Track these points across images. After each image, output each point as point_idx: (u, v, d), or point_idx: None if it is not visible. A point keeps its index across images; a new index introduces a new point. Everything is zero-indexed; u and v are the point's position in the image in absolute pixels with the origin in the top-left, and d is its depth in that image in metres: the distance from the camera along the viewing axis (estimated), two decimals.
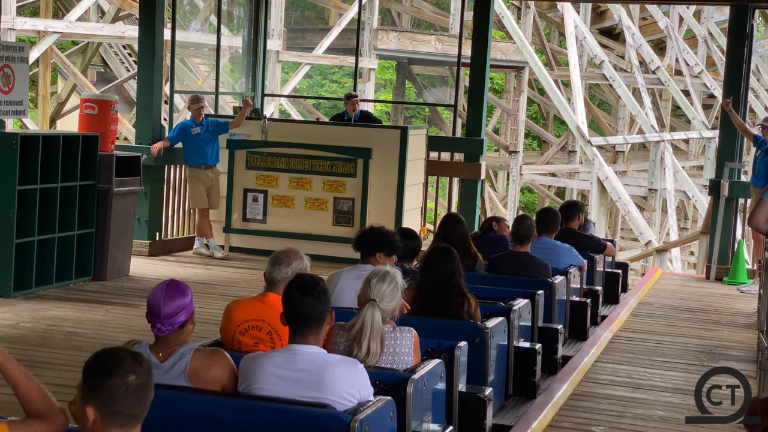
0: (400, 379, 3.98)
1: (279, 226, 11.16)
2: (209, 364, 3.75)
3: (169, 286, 3.75)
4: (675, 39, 26.91)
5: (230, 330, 4.47)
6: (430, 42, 23.94)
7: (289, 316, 3.77)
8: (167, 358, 3.74)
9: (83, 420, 2.69)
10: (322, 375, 3.64)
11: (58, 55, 19.92)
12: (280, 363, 3.69)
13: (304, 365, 3.67)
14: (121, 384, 2.65)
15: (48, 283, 8.76)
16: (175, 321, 3.71)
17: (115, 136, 9.94)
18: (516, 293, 6.10)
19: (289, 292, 3.78)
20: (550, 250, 7.42)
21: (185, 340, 3.79)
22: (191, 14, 19.36)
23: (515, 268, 6.82)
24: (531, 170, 25.73)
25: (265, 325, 4.44)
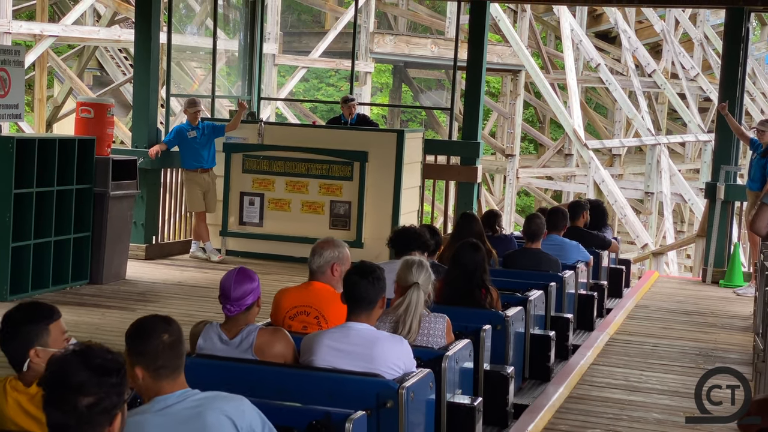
0: (436, 356, 4.48)
1: (276, 230, 11.15)
2: (273, 340, 4.24)
3: (239, 272, 4.23)
4: (671, 42, 26.95)
5: (280, 316, 4.89)
6: (426, 45, 23.96)
7: (347, 296, 4.31)
8: (235, 335, 4.22)
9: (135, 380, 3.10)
10: (373, 349, 4.16)
11: (54, 58, 19.92)
12: (337, 338, 4.21)
13: (357, 340, 4.18)
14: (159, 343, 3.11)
15: (44, 286, 8.75)
16: (243, 303, 4.18)
17: (112, 139, 9.95)
18: (530, 286, 6.57)
19: (349, 275, 4.35)
20: (560, 246, 7.89)
21: (251, 321, 4.26)
22: (187, 18, 19.37)
23: (527, 263, 7.30)
24: (527, 173, 25.75)
25: (312, 310, 4.87)
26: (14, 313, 3.39)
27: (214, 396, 3.18)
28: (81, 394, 2.48)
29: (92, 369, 2.51)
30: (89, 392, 2.49)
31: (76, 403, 2.48)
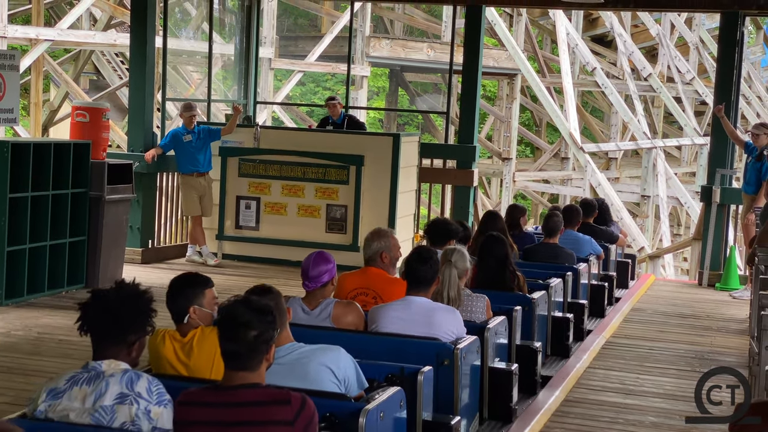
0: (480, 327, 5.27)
1: (272, 234, 11.15)
2: (347, 311, 5.04)
3: (318, 255, 5.02)
4: (667, 46, 26.99)
5: (342, 296, 5.64)
6: (422, 49, 23.97)
7: (409, 276, 5.15)
8: (315, 307, 5.02)
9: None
10: (431, 318, 5.02)
11: (50, 63, 19.91)
12: (400, 309, 5.09)
13: (418, 310, 5.05)
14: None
15: (40, 291, 8.74)
16: (319, 280, 4.96)
17: (107, 143, 9.93)
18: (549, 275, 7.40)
19: (409, 258, 5.18)
20: (575, 241, 8.78)
21: (328, 295, 5.06)
22: (183, 22, 19.36)
23: (546, 256, 8.16)
24: (524, 177, 25.76)
25: (369, 291, 5.72)
26: (179, 279, 4.27)
27: (316, 348, 4.00)
28: (248, 329, 3.33)
29: (254, 310, 3.38)
30: (254, 327, 3.34)
31: (245, 335, 3.32)
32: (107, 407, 3.39)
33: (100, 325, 3.56)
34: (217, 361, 3.88)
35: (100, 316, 3.54)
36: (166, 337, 4.21)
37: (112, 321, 3.54)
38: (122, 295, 3.62)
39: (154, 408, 3.40)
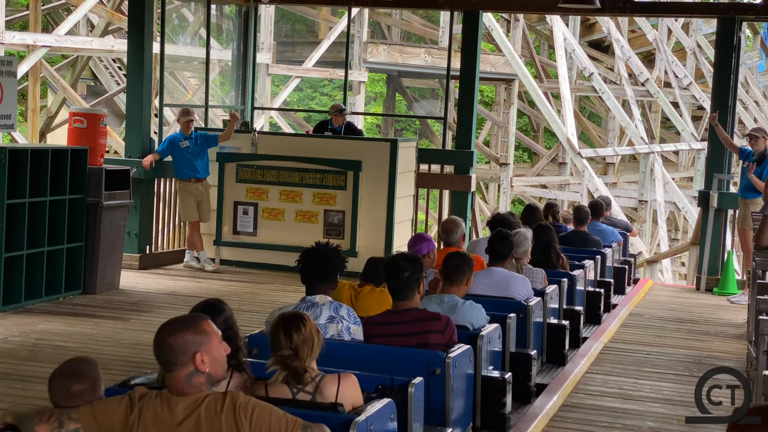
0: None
1: (269, 239, 11.14)
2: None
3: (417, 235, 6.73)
4: (664, 51, 27.03)
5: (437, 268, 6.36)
6: (419, 55, 23.99)
7: (491, 252, 6.63)
8: None
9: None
10: (508, 284, 6.43)
11: (48, 69, 19.91)
12: (485, 277, 6.42)
13: (498, 278, 6.40)
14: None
15: (37, 296, 8.73)
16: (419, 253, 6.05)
17: (105, 149, 9.93)
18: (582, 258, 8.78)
19: (492, 237, 6.70)
20: (601, 231, 10.23)
21: (428, 266, 6.02)
22: (180, 28, 19.37)
23: (577, 242, 9.54)
24: (521, 182, 25.77)
25: None
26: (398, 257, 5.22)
27: (470, 304, 5.50)
28: (403, 271, 4.95)
29: (408, 259, 5.04)
30: (406, 270, 4.95)
31: (401, 275, 4.97)
32: (321, 325, 4.72)
33: (316, 270, 5.01)
34: (373, 309, 5.36)
35: (317, 264, 5.00)
36: (346, 285, 5.72)
37: (325, 268, 5.00)
38: (329, 251, 5.05)
39: (352, 326, 4.87)
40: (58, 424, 3.37)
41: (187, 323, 3.27)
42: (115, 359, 6.91)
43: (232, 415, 3.18)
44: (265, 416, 3.21)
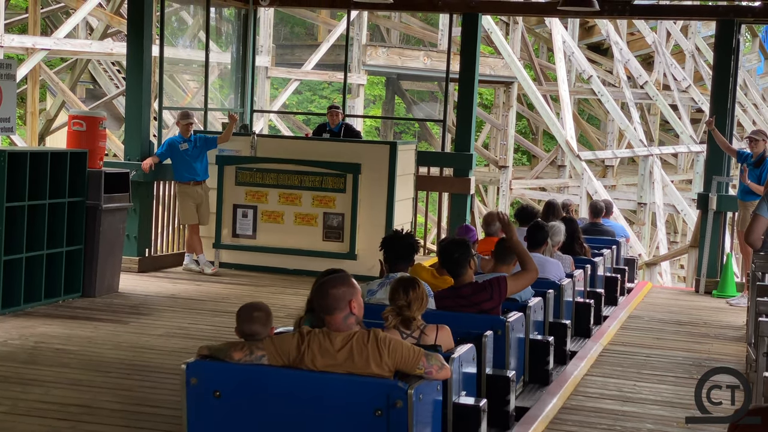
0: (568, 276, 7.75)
1: (269, 242, 11.14)
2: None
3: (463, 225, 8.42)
4: (663, 54, 27.04)
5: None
6: (418, 57, 24.01)
7: (528, 238, 7.50)
8: None
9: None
10: (544, 266, 7.36)
11: (47, 72, 19.91)
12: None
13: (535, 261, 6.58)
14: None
15: (36, 300, 8.72)
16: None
17: (104, 152, 9.93)
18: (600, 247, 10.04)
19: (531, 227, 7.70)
20: (611, 227, 11.51)
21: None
22: (180, 31, 19.39)
23: (594, 232, 10.79)
24: (520, 185, 25.79)
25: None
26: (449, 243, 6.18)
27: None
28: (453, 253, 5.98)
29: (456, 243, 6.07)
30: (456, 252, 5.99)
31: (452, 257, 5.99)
32: None
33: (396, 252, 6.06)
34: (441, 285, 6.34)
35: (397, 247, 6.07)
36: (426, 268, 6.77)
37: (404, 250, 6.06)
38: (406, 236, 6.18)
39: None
40: (249, 351, 4.37)
41: (343, 279, 4.39)
42: (114, 362, 6.91)
43: (375, 345, 4.24)
44: (398, 346, 4.27)
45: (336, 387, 4.28)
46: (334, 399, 4.27)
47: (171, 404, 5.93)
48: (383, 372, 4.25)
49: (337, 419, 4.26)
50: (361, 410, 4.21)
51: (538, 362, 6.50)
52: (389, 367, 4.25)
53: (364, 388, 4.24)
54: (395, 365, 4.26)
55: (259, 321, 4.69)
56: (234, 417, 4.36)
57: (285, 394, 4.34)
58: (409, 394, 4.16)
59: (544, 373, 6.55)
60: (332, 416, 4.28)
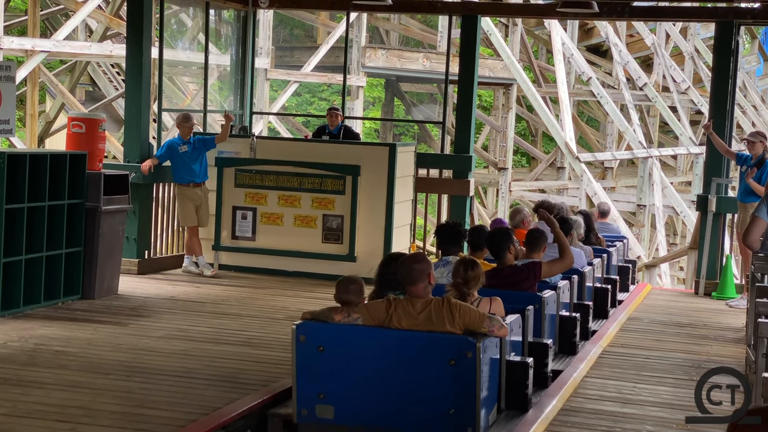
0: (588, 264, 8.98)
1: (268, 244, 11.14)
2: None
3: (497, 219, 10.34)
4: (662, 56, 27.05)
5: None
6: (418, 59, 24.02)
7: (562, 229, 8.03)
8: None
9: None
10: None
11: (46, 74, 19.92)
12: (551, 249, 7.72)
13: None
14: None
15: (36, 302, 8.72)
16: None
17: (103, 154, 9.92)
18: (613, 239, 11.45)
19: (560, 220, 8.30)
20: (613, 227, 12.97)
21: None
22: (179, 33, 19.39)
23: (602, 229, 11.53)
24: (520, 186, 25.79)
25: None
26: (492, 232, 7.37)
27: None
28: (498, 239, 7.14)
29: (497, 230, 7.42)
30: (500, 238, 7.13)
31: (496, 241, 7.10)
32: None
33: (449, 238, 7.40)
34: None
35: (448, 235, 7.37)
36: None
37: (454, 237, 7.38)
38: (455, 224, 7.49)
39: None
40: (347, 314, 5.60)
41: (423, 257, 5.66)
42: (113, 364, 6.91)
43: (449, 308, 5.44)
44: (467, 309, 5.48)
45: (418, 342, 5.45)
46: (416, 352, 5.45)
47: (170, 406, 5.93)
48: (455, 330, 5.43)
49: (418, 368, 5.44)
50: (438, 360, 5.40)
51: (567, 335, 7.60)
52: (460, 326, 5.42)
53: (440, 343, 5.42)
54: (465, 325, 5.42)
55: (354, 292, 5.71)
56: (335, 367, 5.54)
57: (376, 348, 5.53)
58: (477, 346, 5.34)
59: (572, 345, 7.66)
60: (414, 366, 5.45)
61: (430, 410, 5.45)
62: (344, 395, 5.56)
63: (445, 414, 5.41)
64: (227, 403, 6.01)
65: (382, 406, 5.54)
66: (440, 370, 5.39)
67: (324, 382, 5.56)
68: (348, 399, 5.56)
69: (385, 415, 5.53)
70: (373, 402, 5.55)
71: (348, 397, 5.56)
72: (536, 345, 6.61)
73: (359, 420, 5.57)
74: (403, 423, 5.50)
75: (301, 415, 5.61)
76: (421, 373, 5.42)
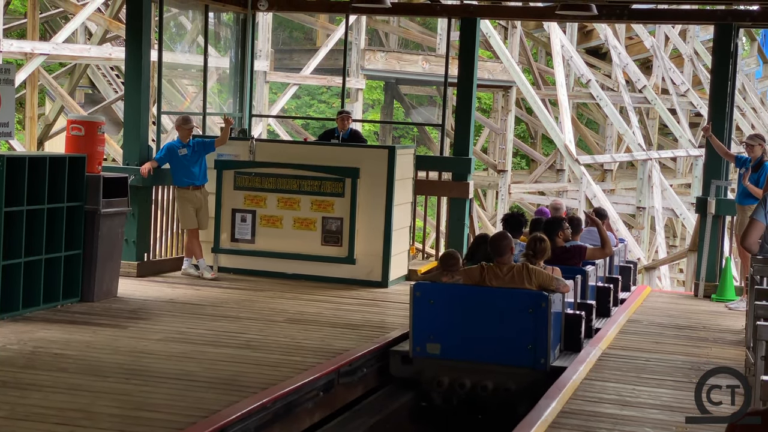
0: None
1: (267, 246, 11.14)
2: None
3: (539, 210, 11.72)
4: (661, 58, 27.06)
5: None
6: (417, 62, 24.02)
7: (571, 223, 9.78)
8: None
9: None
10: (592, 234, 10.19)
11: (46, 77, 19.91)
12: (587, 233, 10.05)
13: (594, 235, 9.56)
14: None
15: (35, 304, 8.72)
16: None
17: (103, 157, 9.92)
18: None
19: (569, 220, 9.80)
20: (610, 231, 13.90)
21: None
22: (178, 35, 19.39)
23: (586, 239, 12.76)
24: (519, 189, 25.78)
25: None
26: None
27: None
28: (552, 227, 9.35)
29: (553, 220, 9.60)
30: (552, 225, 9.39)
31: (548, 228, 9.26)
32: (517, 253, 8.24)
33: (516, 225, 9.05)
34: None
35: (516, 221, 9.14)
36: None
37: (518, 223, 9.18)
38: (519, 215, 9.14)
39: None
40: (451, 277, 7.84)
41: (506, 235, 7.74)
42: (113, 367, 6.91)
43: (527, 272, 7.60)
44: (540, 272, 7.62)
45: (504, 296, 7.61)
46: (504, 303, 7.59)
47: (170, 409, 5.93)
48: (532, 287, 7.57)
49: (505, 316, 7.59)
50: (520, 309, 7.55)
51: (603, 301, 9.60)
52: (536, 285, 7.58)
53: (521, 297, 7.58)
54: (539, 284, 7.58)
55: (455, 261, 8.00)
56: (441, 315, 7.68)
57: (473, 301, 7.69)
58: (549, 299, 7.52)
59: (607, 309, 9.66)
60: (502, 314, 7.59)
61: (514, 346, 7.54)
62: (448, 336, 7.66)
63: (525, 349, 7.53)
64: (226, 405, 6.00)
65: (477, 344, 7.62)
66: (521, 317, 7.52)
67: (433, 327, 7.68)
68: (451, 339, 7.65)
69: (479, 351, 7.63)
70: (470, 341, 7.63)
71: (451, 338, 7.65)
72: (583, 305, 8.64)
73: (459, 355, 7.67)
74: (494, 356, 7.59)
75: (415, 351, 7.74)
76: (507, 319, 7.55)
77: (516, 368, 7.54)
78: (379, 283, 10.88)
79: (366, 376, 7.74)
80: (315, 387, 6.85)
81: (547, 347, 7.48)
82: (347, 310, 9.56)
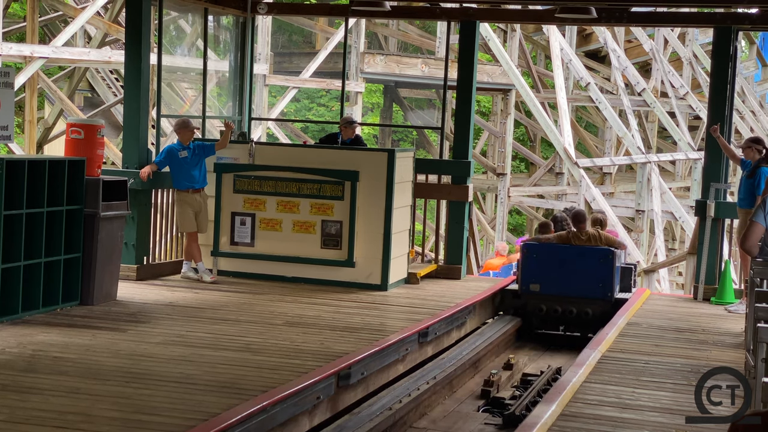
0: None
1: (267, 250, 11.14)
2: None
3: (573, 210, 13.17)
4: (660, 61, 27.08)
5: None
6: (416, 65, 24.03)
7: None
8: None
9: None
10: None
11: (45, 80, 19.92)
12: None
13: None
14: None
15: (34, 308, 8.71)
16: None
17: (102, 160, 9.92)
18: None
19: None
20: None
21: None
22: (178, 39, 19.41)
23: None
24: (519, 192, 25.79)
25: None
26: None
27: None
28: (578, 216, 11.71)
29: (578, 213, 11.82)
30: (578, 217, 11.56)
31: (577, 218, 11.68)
32: None
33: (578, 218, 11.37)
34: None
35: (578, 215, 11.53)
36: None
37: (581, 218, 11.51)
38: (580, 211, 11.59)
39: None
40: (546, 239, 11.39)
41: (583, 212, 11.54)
42: (112, 370, 6.90)
43: (599, 235, 11.20)
44: (607, 235, 11.29)
45: (584, 251, 11.12)
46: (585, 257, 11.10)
47: (169, 412, 5.93)
48: (602, 245, 10.93)
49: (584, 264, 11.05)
50: (596, 260, 11.02)
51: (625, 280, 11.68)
52: (605, 243, 10.96)
53: (596, 251, 11.10)
54: (607, 242, 10.96)
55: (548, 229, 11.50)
56: (541, 264, 11.20)
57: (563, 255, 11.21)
58: (615, 252, 11.06)
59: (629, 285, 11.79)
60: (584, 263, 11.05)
61: (590, 285, 11.03)
62: (546, 278, 11.21)
63: (597, 286, 11.02)
64: (226, 408, 6.00)
65: (565, 283, 11.10)
66: (596, 264, 11.04)
67: (535, 272, 11.22)
68: (547, 280, 11.20)
69: (567, 287, 11.11)
70: (560, 281, 11.12)
71: (547, 279, 11.20)
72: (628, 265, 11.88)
73: (553, 291, 11.16)
74: (577, 291, 11.06)
75: (522, 288, 11.29)
76: (586, 266, 11.05)
77: (591, 299, 10.99)
78: (378, 286, 10.88)
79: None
80: (315, 390, 6.85)
81: (612, 285, 11.01)
82: (347, 313, 9.56)
